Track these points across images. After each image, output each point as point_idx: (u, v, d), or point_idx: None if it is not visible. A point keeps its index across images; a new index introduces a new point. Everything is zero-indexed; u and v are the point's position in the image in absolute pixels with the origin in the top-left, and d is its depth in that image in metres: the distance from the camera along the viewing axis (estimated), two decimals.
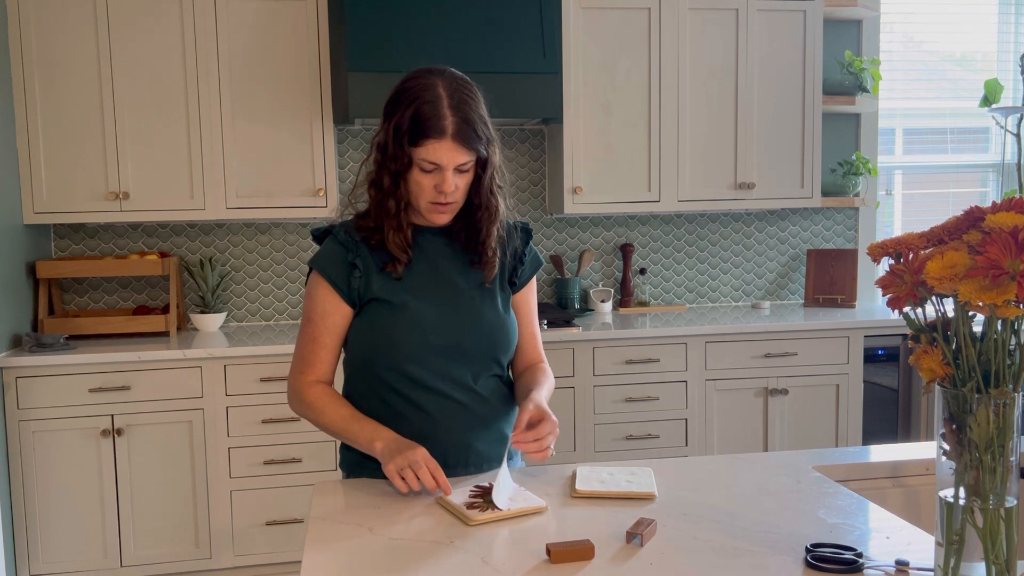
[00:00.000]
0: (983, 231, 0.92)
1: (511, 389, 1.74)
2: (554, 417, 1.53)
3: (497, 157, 1.63)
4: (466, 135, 1.52)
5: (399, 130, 1.53)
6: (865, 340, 3.57)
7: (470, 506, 1.39)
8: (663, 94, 3.62)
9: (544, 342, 3.31)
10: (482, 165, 1.60)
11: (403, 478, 1.43)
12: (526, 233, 1.77)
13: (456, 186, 1.55)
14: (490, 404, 1.65)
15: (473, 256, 1.66)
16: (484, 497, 1.42)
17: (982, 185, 4.44)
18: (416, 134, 1.52)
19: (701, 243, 4.06)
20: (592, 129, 3.58)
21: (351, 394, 1.68)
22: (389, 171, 1.56)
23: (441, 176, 1.53)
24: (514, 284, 1.72)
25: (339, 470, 1.74)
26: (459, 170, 1.55)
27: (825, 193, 3.94)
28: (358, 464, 1.66)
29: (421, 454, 1.45)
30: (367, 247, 1.61)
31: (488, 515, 1.36)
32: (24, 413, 3.02)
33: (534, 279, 1.78)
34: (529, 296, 1.76)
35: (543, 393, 1.64)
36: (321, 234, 1.67)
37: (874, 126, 4.16)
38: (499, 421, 1.67)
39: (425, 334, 1.59)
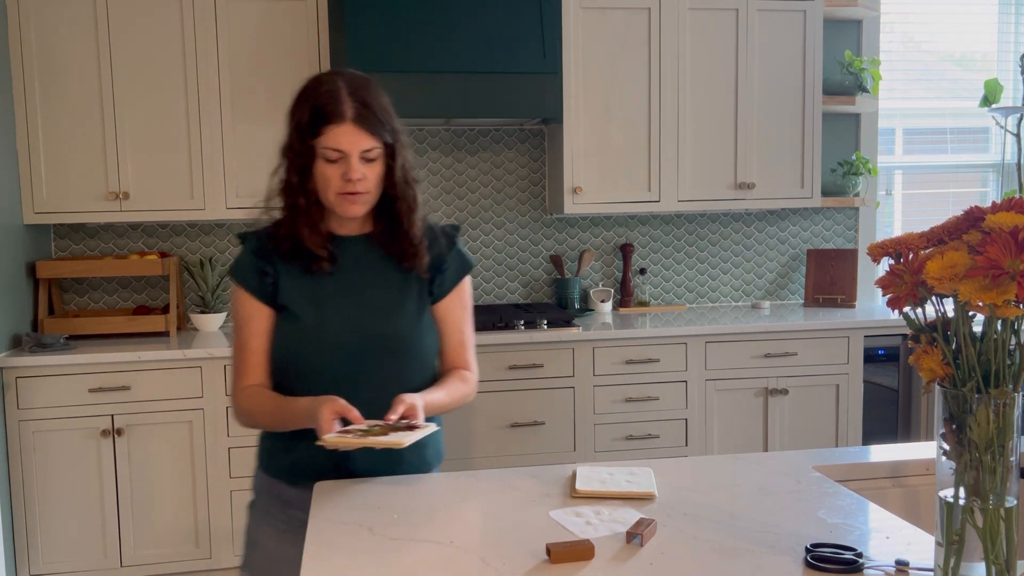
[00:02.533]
0: (983, 231, 0.92)
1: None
2: (421, 416, 1.49)
3: (407, 152, 1.61)
4: (367, 119, 1.52)
5: (300, 126, 1.54)
6: (865, 340, 3.57)
7: (343, 433, 1.42)
8: (663, 94, 3.62)
9: (544, 342, 3.35)
10: (391, 156, 1.57)
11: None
12: (449, 237, 1.70)
13: (364, 175, 1.53)
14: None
15: (395, 259, 1.63)
16: (352, 432, 1.42)
17: (982, 185, 4.44)
18: (316, 123, 1.52)
19: (701, 243, 4.06)
20: (592, 129, 3.58)
21: None
22: (295, 167, 1.56)
23: (347, 164, 1.52)
24: (432, 294, 1.67)
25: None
26: (366, 158, 1.53)
27: (825, 193, 3.94)
28: (268, 456, 1.67)
29: (324, 418, 1.43)
30: (280, 256, 1.60)
31: (336, 438, 1.40)
32: (24, 413, 3.02)
33: (466, 283, 1.72)
34: (454, 304, 1.70)
35: (432, 395, 1.58)
36: (243, 237, 1.67)
37: (874, 126, 4.16)
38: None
39: (326, 346, 1.58)
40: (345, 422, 1.47)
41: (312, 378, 1.58)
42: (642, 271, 3.98)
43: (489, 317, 3.40)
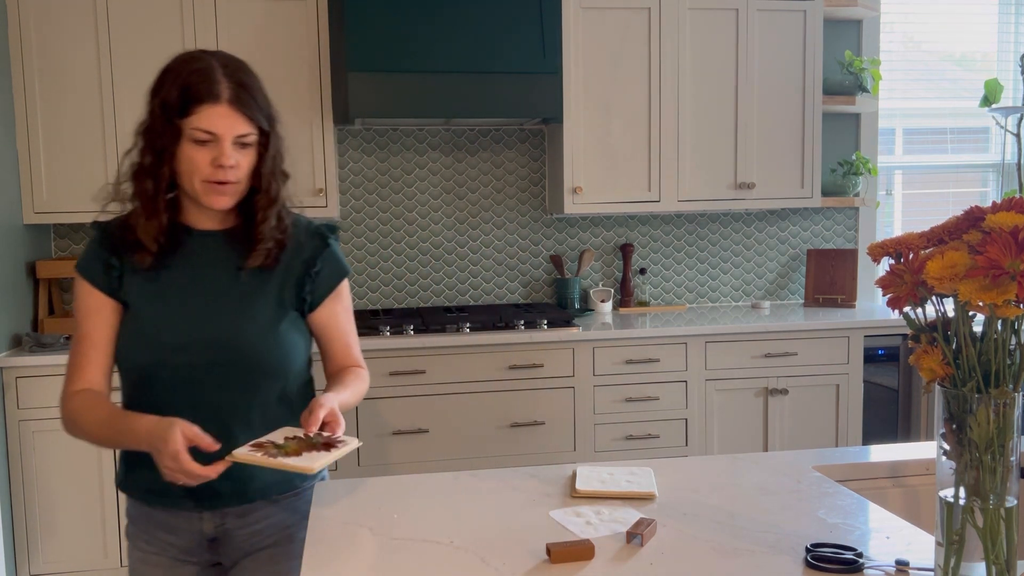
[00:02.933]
0: (983, 231, 0.92)
1: (295, 415, 1.47)
2: (342, 420, 1.39)
3: (282, 144, 1.49)
4: (244, 101, 1.40)
5: (167, 104, 1.39)
6: (865, 340, 3.57)
7: (253, 448, 1.33)
8: (663, 94, 3.62)
9: (544, 342, 3.35)
10: (265, 144, 1.46)
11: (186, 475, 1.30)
12: (323, 238, 1.56)
13: (237, 162, 1.41)
14: (238, 442, 1.37)
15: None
16: (265, 447, 1.34)
17: (982, 185, 4.44)
18: (187, 102, 1.37)
19: (701, 243, 4.06)
20: (592, 129, 3.58)
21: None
22: (153, 149, 1.42)
23: (218, 148, 1.39)
24: (305, 301, 1.54)
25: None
26: (239, 143, 1.41)
27: (825, 193, 3.94)
28: (124, 475, 1.54)
29: (170, 450, 1.28)
30: (127, 248, 1.48)
31: (247, 455, 1.29)
32: (24, 413, 3.02)
33: (343, 286, 1.58)
34: (335, 310, 1.57)
35: (342, 395, 1.47)
36: (94, 226, 1.55)
37: (874, 126, 4.16)
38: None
39: (164, 351, 1.44)
40: (199, 454, 1.31)
41: (152, 386, 1.45)
42: (642, 271, 3.98)
43: (489, 317, 3.40)
